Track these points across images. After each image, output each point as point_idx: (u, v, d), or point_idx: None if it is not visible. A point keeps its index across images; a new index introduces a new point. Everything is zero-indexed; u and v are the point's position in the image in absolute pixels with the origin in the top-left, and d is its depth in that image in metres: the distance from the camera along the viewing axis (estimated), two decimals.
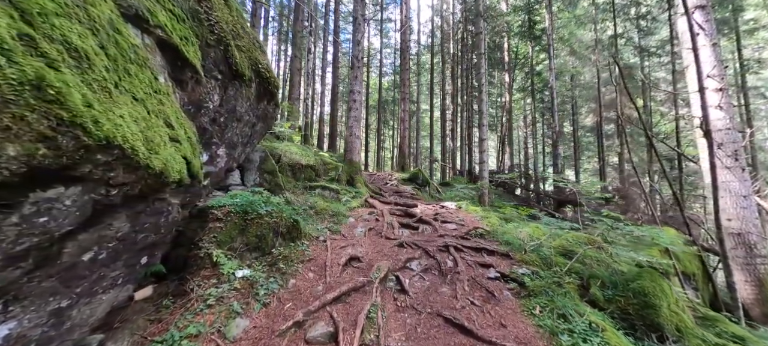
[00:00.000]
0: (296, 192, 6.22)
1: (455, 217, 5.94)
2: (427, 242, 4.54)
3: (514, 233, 4.71)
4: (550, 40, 18.59)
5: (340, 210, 5.74)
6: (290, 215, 3.74)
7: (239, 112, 4.14)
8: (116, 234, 1.77)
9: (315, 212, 5.48)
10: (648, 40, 22.50)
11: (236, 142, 4.42)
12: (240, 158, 4.86)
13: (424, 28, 32.08)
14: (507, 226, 5.14)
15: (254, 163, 5.26)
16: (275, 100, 5.21)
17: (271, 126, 5.48)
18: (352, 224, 5.37)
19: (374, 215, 5.99)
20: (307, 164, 6.96)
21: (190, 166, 2.49)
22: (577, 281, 3.24)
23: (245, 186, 5.05)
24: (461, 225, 5.44)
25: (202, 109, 3.33)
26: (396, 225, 5.31)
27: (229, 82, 3.74)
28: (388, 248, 4.34)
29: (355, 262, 3.77)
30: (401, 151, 16.40)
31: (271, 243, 3.39)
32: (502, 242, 4.32)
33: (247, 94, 4.21)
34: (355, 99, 8.77)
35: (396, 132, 31.58)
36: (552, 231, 5.21)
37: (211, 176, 3.85)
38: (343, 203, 6.34)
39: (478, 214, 6.16)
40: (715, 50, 6.99)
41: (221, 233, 3.11)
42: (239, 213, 3.31)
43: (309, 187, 6.51)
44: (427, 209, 6.87)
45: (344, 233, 4.83)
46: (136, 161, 1.59)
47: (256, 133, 5.05)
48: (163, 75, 2.48)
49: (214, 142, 3.75)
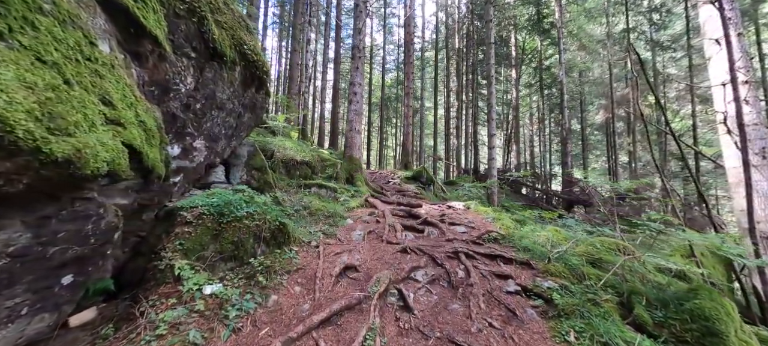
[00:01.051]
0: (290, 191, 5.71)
1: (464, 218, 5.40)
2: (434, 248, 4.01)
3: (532, 238, 4.17)
4: (559, 34, 17.91)
5: (336, 211, 5.23)
6: (276, 216, 3.23)
7: (220, 99, 3.63)
8: (5, 249, 1.27)
9: (309, 213, 4.97)
10: (661, 35, 21.72)
11: (218, 133, 3.92)
12: (224, 153, 4.36)
13: (429, 23, 31.43)
14: (523, 229, 4.60)
15: (242, 159, 4.76)
16: (265, 89, 4.70)
17: (260, 117, 4.97)
18: (349, 227, 4.86)
19: (375, 216, 5.47)
20: (302, 161, 6.45)
21: (142, 158, 1.98)
22: (615, 299, 2.69)
23: (231, 184, 4.55)
24: (471, 228, 4.90)
25: (170, 93, 2.82)
26: (398, 228, 4.79)
27: (206, 62, 3.23)
28: (390, 254, 3.82)
29: (351, 271, 3.25)
30: (404, 149, 15.86)
31: (251, 251, 2.88)
32: (520, 248, 3.78)
33: (230, 78, 3.70)
34: (356, 92, 8.25)
35: (399, 129, 31.04)
36: (574, 235, 4.66)
37: (185, 172, 3.36)
38: (341, 203, 5.82)
39: (489, 215, 5.61)
40: (741, 41, 6.43)
41: (190, 239, 2.60)
42: (213, 215, 2.81)
43: (304, 185, 6.01)
44: (433, 209, 6.33)
45: (340, 237, 4.31)
46: (10, 142, 1.08)
47: (243, 125, 4.55)
48: (108, 42, 1.97)
49: (188, 133, 3.25)
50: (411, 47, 14.88)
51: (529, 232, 4.46)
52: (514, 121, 22.73)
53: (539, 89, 21.64)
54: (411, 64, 14.78)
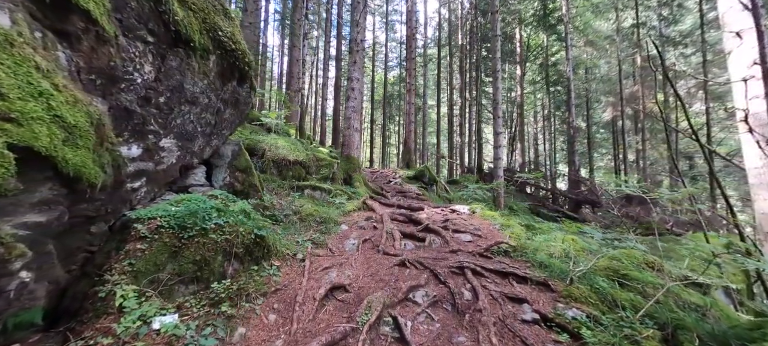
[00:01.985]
0: (280, 193, 5.27)
1: (469, 224, 4.93)
2: (437, 261, 3.55)
3: (546, 249, 3.69)
4: (566, 29, 17.30)
5: (330, 215, 4.77)
6: (252, 228, 2.77)
7: (191, 93, 3.18)
8: None
9: (299, 219, 4.52)
10: (671, 30, 21.04)
11: (193, 131, 3.48)
12: (204, 152, 3.91)
13: (431, 20, 30.84)
14: (536, 239, 4.12)
15: (226, 159, 4.32)
16: (249, 82, 4.25)
17: (245, 114, 4.52)
18: (343, 234, 4.40)
19: (372, 221, 5.02)
20: (295, 161, 6.01)
21: (56, 163, 1.53)
22: (657, 334, 2.22)
23: (212, 186, 4.11)
24: (478, 236, 4.42)
25: (120, 83, 2.37)
26: (397, 235, 4.33)
27: (169, 49, 2.78)
28: (386, 268, 3.36)
29: (340, 292, 2.80)
30: (406, 147, 15.39)
31: (220, 271, 2.43)
32: (535, 263, 3.31)
33: (202, 68, 3.24)
34: (354, 87, 7.78)
35: (402, 127, 30.54)
36: (596, 246, 4.17)
37: (151, 176, 2.91)
38: (336, 207, 5.37)
39: (497, 220, 5.14)
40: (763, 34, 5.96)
41: (142, 258, 2.16)
42: (174, 229, 2.36)
43: (297, 187, 5.56)
44: (435, 213, 5.87)
45: (331, 247, 3.86)
46: None
47: (225, 121, 4.10)
48: (9, 14, 1.52)
49: (151, 131, 2.80)
50: (413, 42, 14.37)
51: (543, 242, 3.98)
52: (518, 119, 22.18)
53: (545, 86, 21.06)
54: (413, 60, 14.27)
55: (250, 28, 10.85)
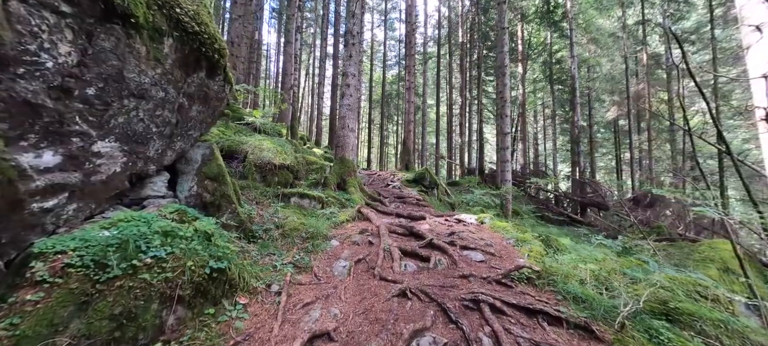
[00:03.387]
0: (262, 203, 4.62)
1: (479, 239, 4.30)
2: (445, 290, 2.92)
3: (574, 272, 3.06)
4: (571, 25, 16.72)
5: (319, 229, 4.13)
6: (208, 259, 2.13)
7: (137, 84, 2.53)
8: None
9: (281, 234, 3.87)
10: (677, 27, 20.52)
11: (145, 132, 2.82)
12: (163, 158, 3.26)
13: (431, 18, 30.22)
14: (563, 260, 3.49)
15: (195, 165, 3.67)
16: (222, 74, 3.60)
17: (219, 111, 3.87)
18: (333, 252, 3.76)
19: (367, 235, 4.38)
20: (282, 165, 5.36)
21: None
22: None
23: (176, 198, 3.46)
24: (491, 254, 3.79)
25: (17, 67, 1.72)
26: (396, 254, 3.69)
27: (99, 25, 2.13)
28: (383, 300, 2.73)
29: (322, 342, 2.16)
30: (405, 148, 14.76)
31: (154, 324, 1.78)
32: (567, 295, 2.67)
33: (154, 54, 2.59)
34: (350, 83, 7.14)
35: (400, 127, 29.93)
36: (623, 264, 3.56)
37: (77, 191, 2.26)
38: (327, 217, 4.73)
39: (509, 233, 4.51)
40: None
41: (33, 316, 1.51)
42: (88, 267, 1.71)
43: (282, 195, 4.91)
44: (439, 223, 5.24)
45: (318, 271, 3.22)
46: None
47: (191, 120, 3.45)
48: None
49: (75, 132, 2.15)
50: (413, 38, 13.74)
51: (569, 263, 3.35)
52: (520, 118, 21.58)
53: (549, 84, 20.49)
54: (412, 57, 13.64)
55: (239, 20, 10.19)
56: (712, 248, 8.91)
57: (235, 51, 10.12)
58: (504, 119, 7.25)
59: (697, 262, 8.33)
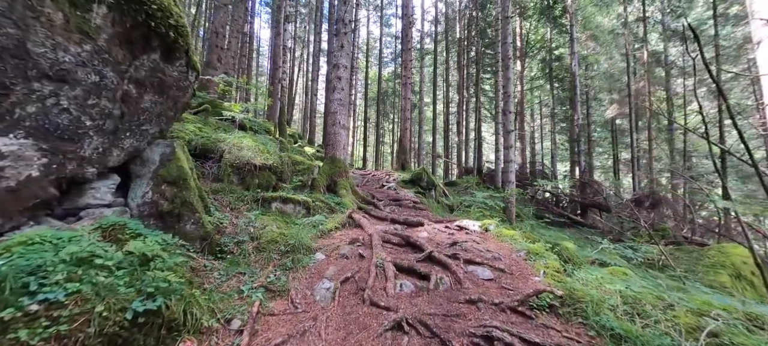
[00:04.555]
0: (238, 209, 4.05)
1: (485, 250, 3.77)
2: (449, 321, 2.39)
3: (605, 298, 2.54)
4: (572, 20, 16.27)
5: (302, 239, 3.57)
6: (132, 298, 1.57)
7: (53, 63, 1.94)
8: None
9: (256, 247, 3.31)
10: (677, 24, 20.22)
11: (77, 127, 2.24)
12: (107, 158, 2.68)
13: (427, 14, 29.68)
14: (585, 278, 2.97)
15: (152, 166, 3.10)
16: (184, 58, 3.02)
17: (182, 103, 3.29)
18: (316, 269, 3.21)
19: (358, 246, 3.84)
20: (264, 165, 4.78)
21: None
22: None
23: (127, 207, 2.88)
24: (500, 270, 3.27)
25: None
26: (390, 271, 3.14)
27: None
28: (373, 337, 2.19)
29: None
30: (401, 146, 14.22)
31: None
32: (603, 330, 2.15)
33: (78, 25, 2.01)
34: (341, 76, 6.57)
35: (396, 125, 29.41)
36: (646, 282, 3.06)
37: None
38: (313, 225, 4.17)
39: (519, 243, 3.99)
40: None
41: None
42: None
43: (262, 200, 4.34)
44: (439, 231, 4.71)
45: (295, 296, 2.67)
46: None
47: (145, 113, 2.87)
48: None
49: None
50: (409, 32, 13.18)
51: (594, 283, 2.83)
52: (519, 117, 21.15)
53: (549, 82, 20.08)
54: (409, 52, 13.09)
55: (224, 9, 9.56)
56: (722, 252, 8.46)
57: (219, 42, 9.50)
58: (507, 116, 6.72)
59: (707, 267, 7.88)
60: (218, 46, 9.52)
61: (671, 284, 4.35)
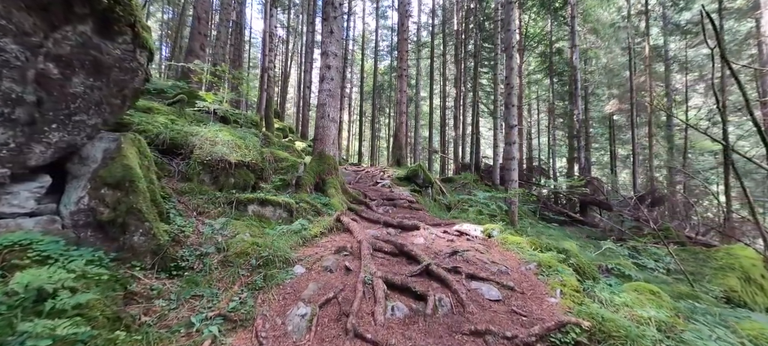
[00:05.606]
0: (208, 213, 3.53)
1: (489, 262, 3.30)
2: None
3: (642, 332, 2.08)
4: (573, 12, 15.76)
5: (278, 249, 3.06)
6: None
7: None
8: None
9: (222, 261, 2.80)
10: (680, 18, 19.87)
11: None
12: (28, 156, 2.13)
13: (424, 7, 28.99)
14: (611, 299, 2.50)
15: (92, 165, 2.57)
16: (129, 34, 2.47)
17: (130, 87, 2.74)
18: (293, 288, 2.71)
19: (344, 256, 3.35)
20: (241, 162, 4.25)
21: None
22: None
23: (59, 216, 2.36)
24: (509, 289, 2.79)
25: None
26: (381, 291, 2.65)
27: None
28: None
29: None
30: (396, 141, 13.71)
31: None
32: None
33: None
34: (330, 64, 6.02)
35: (392, 120, 28.86)
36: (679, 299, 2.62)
37: None
38: (294, 231, 3.66)
39: (526, 253, 3.53)
40: None
41: None
42: None
43: (237, 202, 3.82)
44: (437, 236, 4.22)
45: (262, 326, 2.17)
46: None
47: (77, 99, 2.32)
48: None
49: None
50: (406, 20, 12.60)
51: (622, 308, 2.37)
52: (518, 111, 20.69)
53: (549, 76, 19.63)
54: (405, 42, 12.51)
55: None
56: (730, 254, 8.08)
57: (201, 28, 8.86)
58: (510, 110, 6.22)
59: (715, 270, 7.51)
60: (201, 33, 8.89)
61: (707, 301, 3.92)
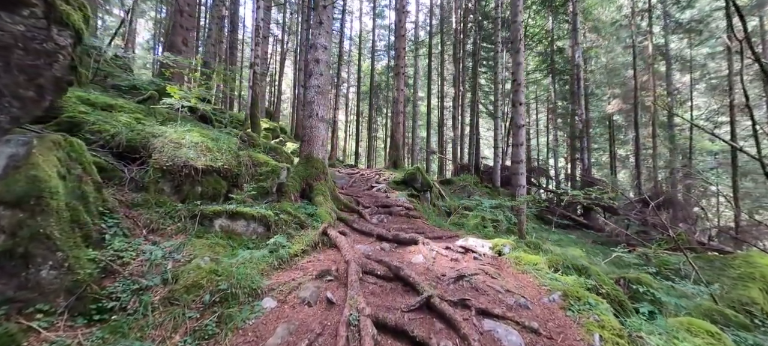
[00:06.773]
0: (163, 232, 2.92)
1: (503, 290, 2.72)
2: None
3: None
4: (575, 9, 15.28)
5: (243, 278, 2.46)
6: None
7: None
8: None
9: (166, 296, 2.20)
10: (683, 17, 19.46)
11: None
12: None
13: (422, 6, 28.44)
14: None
15: None
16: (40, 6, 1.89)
17: (48, 76, 2.13)
18: (257, 332, 2.10)
19: (329, 282, 2.76)
20: (209, 168, 3.65)
21: None
22: None
23: None
24: (532, 331, 2.21)
25: None
26: (369, 337, 2.06)
27: None
28: None
29: None
30: (393, 142, 13.12)
31: None
32: None
33: None
34: (319, 58, 5.43)
35: (390, 120, 28.30)
36: None
37: None
38: (269, 251, 3.06)
39: (546, 276, 2.95)
40: None
41: None
42: None
43: (201, 215, 3.22)
44: (438, 254, 3.63)
45: None
46: None
47: None
48: None
49: None
50: (404, 17, 12.03)
51: None
52: None
53: (550, 75, 19.14)
54: (403, 39, 11.94)
55: None
56: (748, 262, 7.56)
57: (184, 22, 8.24)
58: (517, 108, 5.64)
59: (734, 280, 7.00)
60: (183, 27, 8.27)
61: None
